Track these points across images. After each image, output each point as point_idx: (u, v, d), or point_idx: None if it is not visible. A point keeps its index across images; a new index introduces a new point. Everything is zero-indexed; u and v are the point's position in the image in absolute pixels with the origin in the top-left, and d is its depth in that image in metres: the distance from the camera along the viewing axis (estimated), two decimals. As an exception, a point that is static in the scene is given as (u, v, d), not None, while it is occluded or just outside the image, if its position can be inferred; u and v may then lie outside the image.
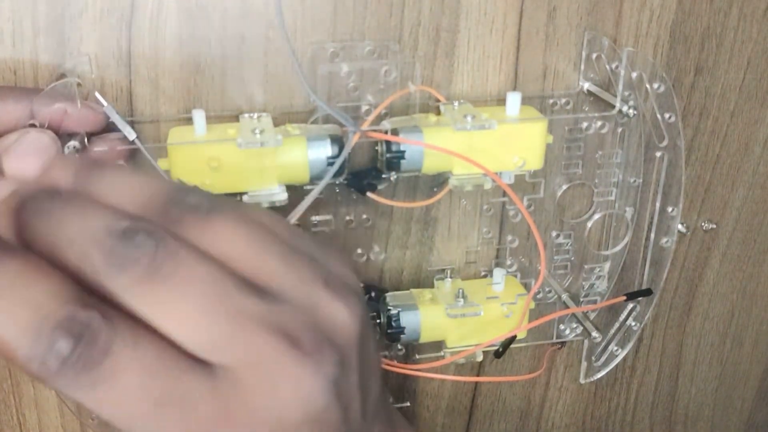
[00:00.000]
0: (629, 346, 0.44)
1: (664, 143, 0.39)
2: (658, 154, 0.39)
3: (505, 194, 0.39)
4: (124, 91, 0.34)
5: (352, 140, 0.32)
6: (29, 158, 0.24)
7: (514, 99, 0.35)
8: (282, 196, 0.33)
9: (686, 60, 0.39)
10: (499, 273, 0.40)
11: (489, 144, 0.34)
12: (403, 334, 0.38)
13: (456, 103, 0.36)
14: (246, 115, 0.34)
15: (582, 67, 0.38)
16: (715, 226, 0.45)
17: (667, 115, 0.38)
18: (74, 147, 0.29)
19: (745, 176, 0.44)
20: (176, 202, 0.20)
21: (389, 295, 0.39)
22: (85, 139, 0.30)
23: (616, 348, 0.44)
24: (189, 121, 0.33)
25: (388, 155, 0.34)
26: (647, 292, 0.42)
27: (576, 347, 0.47)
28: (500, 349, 0.38)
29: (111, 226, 0.19)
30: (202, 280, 0.19)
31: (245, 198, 0.33)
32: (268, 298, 0.20)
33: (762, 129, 0.43)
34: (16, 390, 0.40)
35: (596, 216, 0.41)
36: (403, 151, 0.34)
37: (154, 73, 0.34)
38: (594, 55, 0.37)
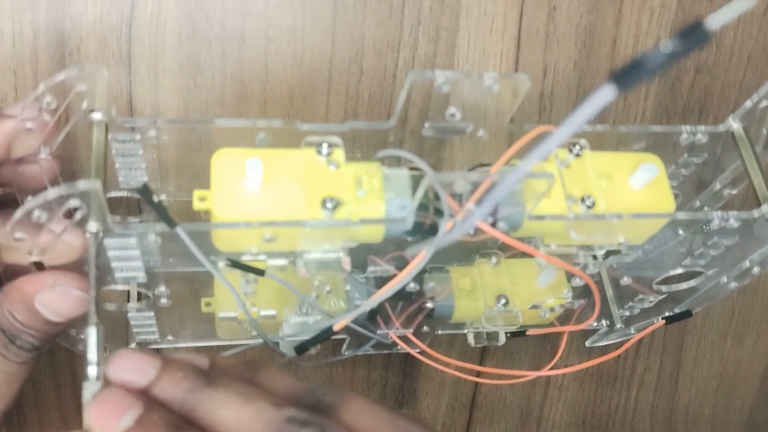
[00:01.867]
0: (645, 331, 0.41)
1: None
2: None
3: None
4: (124, 91, 0.34)
5: (448, 235, 0.26)
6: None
7: (646, 174, 0.29)
8: (345, 267, 0.28)
9: (686, 59, 0.39)
10: (547, 276, 0.35)
11: (599, 228, 0.29)
12: (433, 318, 0.36)
13: (572, 151, 0.29)
14: (312, 142, 0.28)
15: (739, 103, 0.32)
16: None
17: None
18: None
19: (745, 176, 0.44)
20: (315, 400, 0.25)
21: (426, 278, 0.35)
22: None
23: (633, 331, 0.42)
24: (198, 124, 0.29)
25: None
26: (687, 314, 0.39)
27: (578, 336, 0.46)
28: (508, 335, 0.37)
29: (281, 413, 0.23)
30: None
31: (299, 262, 0.28)
32: None
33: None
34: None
35: (679, 270, 0.36)
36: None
37: (154, 73, 0.34)
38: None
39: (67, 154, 0.28)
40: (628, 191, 0.30)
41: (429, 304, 0.35)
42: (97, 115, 0.26)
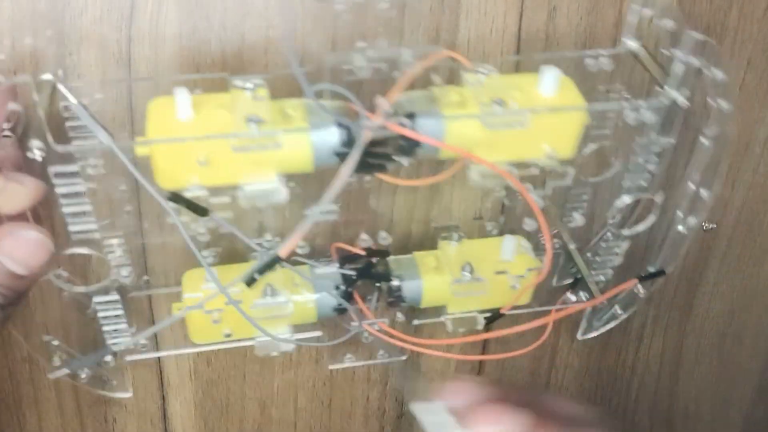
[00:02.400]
0: (632, 310, 0.42)
1: (713, 133, 0.35)
2: (706, 142, 0.34)
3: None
4: (124, 91, 0.34)
5: (364, 138, 0.29)
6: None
7: (551, 77, 0.30)
8: (281, 196, 0.30)
9: (686, 59, 0.39)
10: (509, 243, 0.36)
11: (517, 134, 0.30)
12: (404, 302, 0.36)
13: (482, 73, 0.31)
14: (238, 81, 0.30)
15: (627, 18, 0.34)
16: (715, 225, 0.45)
17: (723, 103, 0.34)
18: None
19: (745, 176, 0.44)
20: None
21: (392, 261, 0.37)
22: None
23: (619, 311, 0.42)
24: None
25: (402, 143, 0.30)
26: (660, 273, 0.39)
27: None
28: (486, 322, 0.37)
29: None
30: None
31: (240, 194, 0.30)
32: None
33: (762, 129, 0.43)
34: (16, 390, 0.40)
35: (627, 199, 0.37)
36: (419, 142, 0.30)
37: (154, 74, 0.34)
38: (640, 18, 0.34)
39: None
40: (539, 98, 0.31)
41: (395, 282, 0.36)
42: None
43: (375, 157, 0.31)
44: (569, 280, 0.41)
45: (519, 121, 0.30)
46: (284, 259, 0.31)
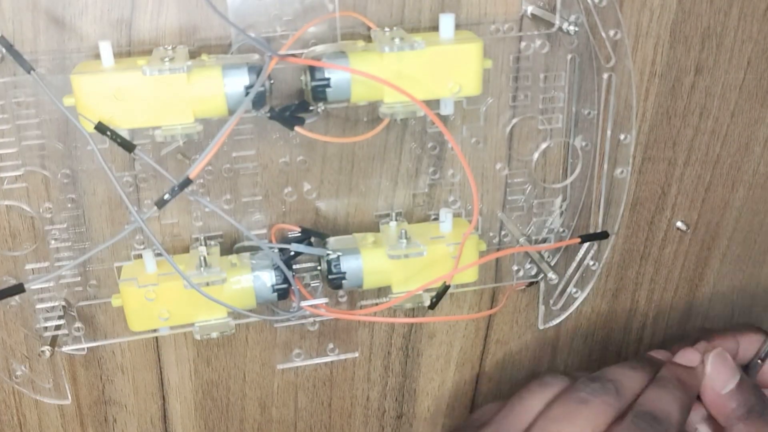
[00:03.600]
0: (588, 287, 0.42)
1: (611, 63, 0.37)
2: (606, 75, 0.37)
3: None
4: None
5: (269, 65, 0.30)
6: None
7: (447, 21, 0.33)
8: (196, 128, 0.31)
9: (686, 60, 0.39)
10: (445, 213, 0.37)
11: (420, 69, 0.32)
12: (345, 279, 0.36)
13: (387, 30, 0.34)
14: (160, 47, 0.32)
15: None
16: (687, 228, 0.44)
17: (612, 32, 0.36)
18: None
19: (745, 176, 0.44)
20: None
21: (330, 240, 0.38)
22: None
23: (575, 290, 0.42)
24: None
25: (312, 83, 0.32)
26: (603, 235, 0.40)
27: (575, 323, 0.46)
28: (434, 299, 0.37)
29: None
30: None
31: (157, 133, 0.31)
32: None
33: (762, 129, 0.43)
34: (16, 390, 0.40)
35: (543, 145, 0.39)
36: (328, 79, 0.31)
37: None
38: None
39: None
40: (439, 40, 0.33)
41: (332, 254, 0.36)
42: None
43: (289, 108, 0.33)
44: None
45: (419, 55, 0.32)
46: (193, 181, 0.31)
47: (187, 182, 0.31)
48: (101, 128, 0.30)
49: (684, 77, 0.40)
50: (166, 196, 0.31)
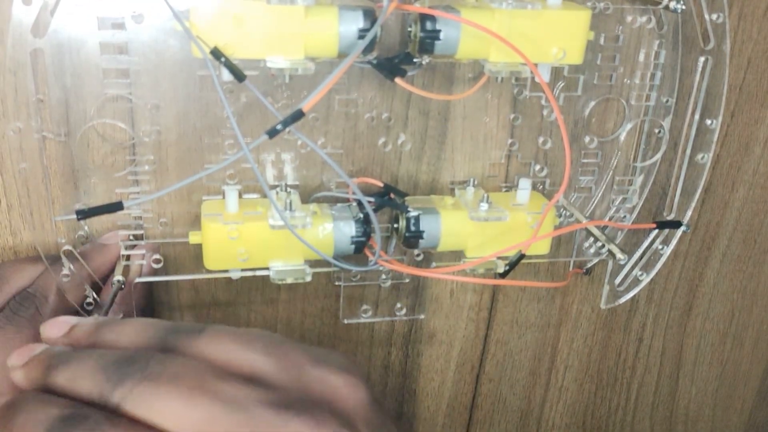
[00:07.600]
0: (654, 271, 0.41)
1: (710, 46, 0.36)
2: (702, 59, 0.37)
3: (539, 90, 0.37)
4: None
5: (389, 9, 0.30)
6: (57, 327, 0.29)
7: None
8: (307, 65, 0.31)
9: (686, 59, 0.39)
10: (525, 182, 0.37)
11: (529, 29, 0.32)
12: (422, 238, 0.36)
13: None
14: None
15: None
16: (688, 228, 0.44)
17: (715, 16, 0.36)
18: None
19: (745, 176, 0.44)
20: (172, 331, 0.27)
21: (409, 199, 0.37)
22: None
23: (640, 273, 0.42)
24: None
25: (422, 34, 0.31)
26: (676, 224, 0.40)
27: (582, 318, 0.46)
28: (507, 268, 0.37)
29: (103, 364, 0.25)
30: (185, 377, 0.24)
31: (270, 62, 0.31)
32: (253, 384, 0.24)
33: (762, 129, 0.43)
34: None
35: (629, 125, 0.39)
36: (439, 31, 0.31)
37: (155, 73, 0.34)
38: None
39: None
40: (547, 7, 0.33)
41: (412, 212, 0.36)
42: None
43: (395, 59, 0.33)
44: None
45: (530, 15, 0.32)
46: (305, 114, 0.31)
47: (299, 114, 0.30)
48: (216, 54, 0.30)
49: (684, 77, 0.40)
50: (279, 126, 0.30)
